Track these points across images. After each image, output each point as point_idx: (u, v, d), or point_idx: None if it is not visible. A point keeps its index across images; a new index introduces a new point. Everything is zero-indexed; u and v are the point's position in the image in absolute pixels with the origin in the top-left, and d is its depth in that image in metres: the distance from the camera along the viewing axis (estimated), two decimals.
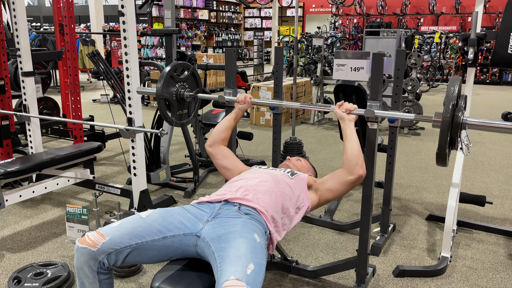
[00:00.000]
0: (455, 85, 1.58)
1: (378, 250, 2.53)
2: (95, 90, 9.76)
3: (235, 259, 1.32)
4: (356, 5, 13.99)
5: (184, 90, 2.26)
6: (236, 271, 1.27)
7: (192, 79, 2.32)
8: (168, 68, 2.16)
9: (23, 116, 3.22)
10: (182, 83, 2.26)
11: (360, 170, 1.76)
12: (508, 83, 11.92)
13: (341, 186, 1.81)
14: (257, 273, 1.30)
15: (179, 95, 2.24)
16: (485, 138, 5.49)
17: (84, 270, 1.43)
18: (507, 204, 3.33)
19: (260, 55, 11.33)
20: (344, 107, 1.85)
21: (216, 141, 2.05)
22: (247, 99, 2.08)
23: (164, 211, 1.58)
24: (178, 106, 2.27)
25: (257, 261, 1.34)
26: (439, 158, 1.62)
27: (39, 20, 18.43)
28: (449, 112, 1.55)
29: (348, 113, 1.83)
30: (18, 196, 2.66)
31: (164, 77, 2.13)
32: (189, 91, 2.28)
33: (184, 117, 2.34)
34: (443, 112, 1.57)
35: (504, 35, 2.33)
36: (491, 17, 12.44)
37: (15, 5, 3.04)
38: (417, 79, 5.72)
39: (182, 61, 2.33)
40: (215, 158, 2.04)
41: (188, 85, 2.29)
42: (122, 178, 3.87)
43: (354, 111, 1.84)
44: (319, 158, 4.54)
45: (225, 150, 2.06)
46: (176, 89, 2.23)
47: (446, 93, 1.58)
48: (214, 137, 2.06)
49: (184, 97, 2.25)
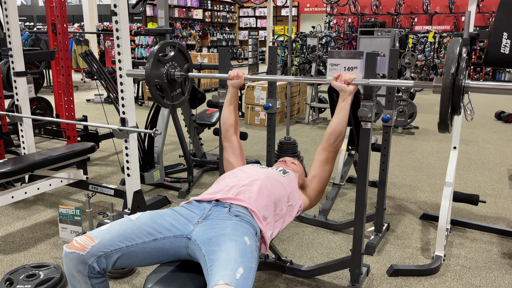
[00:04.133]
0: (455, 47, 1.49)
1: (372, 250, 2.54)
2: (89, 90, 9.71)
3: (224, 263, 1.31)
4: (351, 5, 14.01)
5: (175, 70, 2.16)
6: (225, 275, 1.26)
7: (180, 56, 2.23)
8: (154, 50, 2.06)
9: (15, 117, 3.20)
10: (171, 62, 2.16)
11: (334, 148, 1.87)
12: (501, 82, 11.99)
13: (320, 167, 1.89)
14: (247, 277, 1.29)
15: (169, 76, 2.15)
16: (478, 137, 5.52)
17: (74, 276, 1.41)
18: (500, 203, 3.35)
19: (254, 54, 11.32)
20: (342, 78, 1.79)
21: (227, 129, 2.06)
22: (239, 74, 2.05)
23: (154, 213, 1.56)
24: (170, 88, 2.19)
25: (246, 265, 1.33)
26: (441, 125, 1.54)
27: (32, 19, 18.30)
28: (450, 76, 1.45)
29: (347, 84, 1.79)
30: (10, 197, 2.63)
31: (151, 61, 2.04)
32: (179, 70, 2.18)
33: (177, 97, 2.26)
34: (443, 76, 1.48)
35: (497, 34, 2.34)
36: (484, 16, 12.51)
37: (7, 5, 3.01)
38: (411, 79, 5.73)
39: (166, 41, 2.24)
40: (226, 150, 2.07)
41: (177, 63, 2.20)
42: (116, 178, 3.85)
43: (353, 81, 1.78)
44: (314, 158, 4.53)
45: (237, 146, 2.07)
46: (166, 70, 2.13)
47: (446, 55, 1.49)
48: (224, 125, 2.07)
49: (175, 77, 2.17)
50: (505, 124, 6.41)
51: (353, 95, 1.81)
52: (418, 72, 9.79)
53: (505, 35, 2.31)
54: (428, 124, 6.30)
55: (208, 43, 16.62)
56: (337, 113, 1.83)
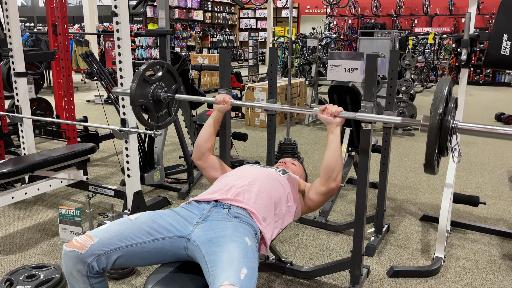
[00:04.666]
0: (444, 87, 1.46)
1: (372, 251, 2.54)
2: (89, 90, 9.71)
3: (227, 264, 1.30)
4: (351, 6, 14.03)
5: (161, 91, 2.09)
6: (229, 276, 1.26)
7: (168, 76, 2.16)
8: (140, 70, 1.99)
9: (15, 117, 3.20)
10: (158, 83, 2.09)
11: (332, 183, 1.73)
12: (501, 84, 12.00)
13: (316, 196, 1.80)
14: (251, 278, 1.29)
15: (155, 96, 2.07)
16: (478, 139, 5.52)
17: (73, 275, 1.40)
18: (500, 205, 3.35)
19: (255, 55, 11.33)
20: (328, 111, 1.73)
21: (203, 153, 1.97)
22: (226, 99, 1.98)
23: (153, 213, 1.56)
24: (156, 108, 2.11)
25: (249, 265, 1.33)
26: (427, 167, 1.48)
27: (32, 20, 18.31)
28: (437, 116, 1.40)
29: (334, 116, 1.73)
30: (10, 198, 2.63)
31: (136, 81, 1.95)
32: (166, 91, 2.12)
33: (163, 118, 2.18)
34: (430, 116, 1.43)
35: (497, 36, 2.35)
36: (484, 18, 12.52)
37: (8, 5, 3.01)
38: (411, 80, 5.74)
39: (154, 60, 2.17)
40: (205, 171, 1.99)
41: (165, 84, 2.14)
42: (116, 179, 3.84)
43: (340, 114, 1.72)
44: (314, 159, 4.54)
45: (214, 161, 1.99)
46: (153, 91, 2.06)
47: (434, 96, 1.45)
48: (199, 148, 1.97)
49: (161, 99, 2.09)
50: (505, 125, 6.41)
51: (340, 126, 1.74)
52: (418, 73, 9.80)
53: (505, 37, 2.32)
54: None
55: (208, 44, 16.63)
56: (328, 146, 1.75)
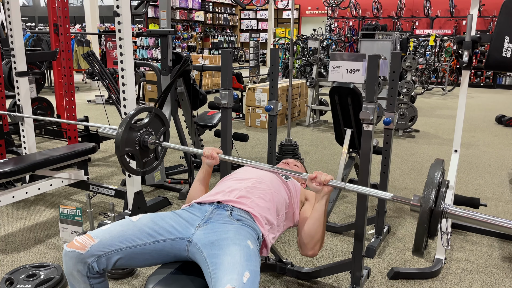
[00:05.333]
0: (436, 172, 1.42)
1: (373, 252, 2.53)
2: (90, 90, 9.71)
3: (230, 267, 1.30)
4: (352, 8, 14.04)
5: (149, 137, 2.00)
6: (232, 279, 1.26)
7: (156, 120, 2.07)
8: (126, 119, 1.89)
9: (16, 117, 3.20)
10: (145, 128, 2.00)
11: (309, 251, 1.67)
12: (502, 86, 12.00)
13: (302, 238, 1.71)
14: (253, 281, 1.29)
15: (142, 142, 1.98)
16: (479, 141, 5.52)
17: (74, 275, 1.40)
18: (501, 207, 3.35)
19: (255, 56, 11.34)
20: (317, 180, 1.62)
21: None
22: (213, 155, 1.86)
23: (155, 215, 1.56)
24: (142, 154, 2.02)
25: (252, 269, 1.33)
26: (415, 251, 1.43)
27: (34, 20, 18.34)
28: (430, 202, 1.35)
29: (323, 185, 1.63)
30: (11, 197, 2.63)
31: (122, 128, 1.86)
32: (153, 137, 2.03)
33: (149, 163, 2.09)
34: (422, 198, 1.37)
35: (498, 38, 2.35)
36: (485, 20, 12.52)
37: (10, 5, 3.02)
38: (412, 82, 5.74)
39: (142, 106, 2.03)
40: None
41: (152, 128, 2.04)
42: (117, 179, 3.84)
43: (330, 183, 1.62)
44: (314, 160, 4.54)
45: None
46: (139, 137, 1.97)
47: (427, 180, 1.39)
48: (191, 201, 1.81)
49: (148, 145, 2.00)
50: (506, 128, 6.41)
51: (328, 196, 1.65)
52: (419, 75, 9.81)
53: (507, 39, 2.32)
54: (428, 127, 6.30)
55: (209, 45, 16.64)
56: (311, 214, 1.68)
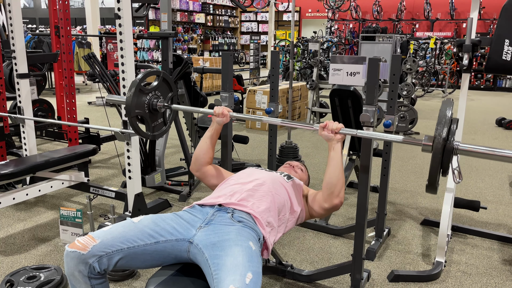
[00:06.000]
0: (447, 110, 1.47)
1: (373, 255, 2.53)
2: (90, 92, 9.72)
3: (232, 268, 1.31)
4: (352, 10, 14.05)
5: (157, 100, 2.05)
6: (234, 280, 1.26)
7: (164, 85, 2.13)
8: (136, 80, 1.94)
9: (17, 118, 3.20)
10: (154, 92, 2.06)
11: (335, 200, 1.71)
12: (502, 89, 12.01)
13: (318, 210, 1.79)
14: (255, 282, 1.30)
15: (151, 106, 2.03)
16: (479, 143, 5.51)
17: (75, 276, 1.41)
18: (501, 210, 3.35)
19: (256, 59, 11.34)
20: (329, 128, 1.71)
21: (202, 165, 1.93)
22: (224, 112, 1.92)
23: (156, 216, 1.56)
24: (151, 118, 2.08)
25: (254, 270, 1.33)
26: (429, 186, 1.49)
27: (35, 22, 18.35)
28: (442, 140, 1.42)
29: (334, 133, 1.71)
30: (11, 199, 2.63)
31: (132, 90, 1.92)
32: (162, 100, 2.08)
33: (158, 127, 2.14)
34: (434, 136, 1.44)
35: (498, 41, 2.35)
36: (485, 23, 12.54)
37: (11, 7, 3.02)
38: (412, 84, 5.74)
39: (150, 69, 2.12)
40: (204, 180, 1.96)
41: (161, 93, 2.10)
42: (117, 181, 3.85)
43: (341, 131, 1.70)
44: (315, 162, 4.55)
45: (212, 170, 1.95)
46: (148, 100, 2.02)
47: (439, 117, 1.45)
48: (198, 160, 1.94)
49: (157, 108, 2.05)
50: (506, 130, 6.42)
51: (341, 143, 1.72)
52: (419, 78, 9.82)
53: (507, 42, 2.32)
54: (429, 130, 6.30)
55: (209, 47, 16.65)
56: (329, 163, 1.73)
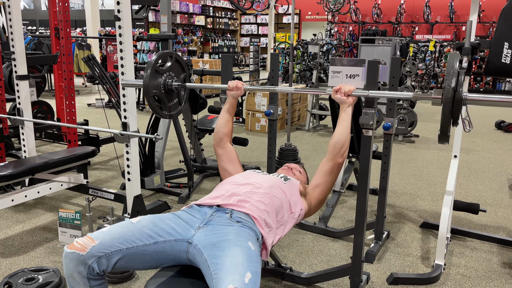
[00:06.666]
0: (454, 61, 1.54)
1: (372, 258, 2.53)
2: (90, 94, 9.73)
3: (231, 268, 1.31)
4: (352, 13, 14.08)
5: (172, 80, 2.17)
6: (234, 279, 1.26)
7: (177, 65, 2.23)
8: (151, 61, 2.05)
9: (17, 120, 3.20)
10: (168, 72, 2.17)
11: (340, 158, 1.81)
12: (502, 92, 12.02)
13: (323, 178, 1.86)
14: (255, 282, 1.30)
15: (167, 86, 2.15)
16: (478, 146, 5.52)
17: (74, 277, 1.40)
18: (501, 212, 3.35)
19: (256, 61, 11.34)
20: (342, 91, 1.79)
21: (221, 138, 2.05)
22: (238, 85, 2.03)
23: (155, 217, 1.56)
24: (167, 98, 2.19)
25: (253, 270, 1.33)
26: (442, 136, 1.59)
27: (34, 23, 18.36)
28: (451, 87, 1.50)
29: (347, 96, 1.79)
30: (10, 201, 2.63)
31: (149, 71, 2.03)
32: (176, 80, 2.19)
33: (174, 107, 2.26)
34: (444, 89, 1.53)
35: (498, 44, 2.35)
36: (485, 26, 12.57)
37: (11, 9, 3.02)
38: (412, 87, 5.75)
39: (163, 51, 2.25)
40: (221, 159, 2.06)
41: (174, 73, 2.20)
42: (116, 183, 3.84)
43: (353, 93, 1.79)
44: (314, 165, 4.54)
45: (231, 153, 2.06)
46: (164, 81, 2.14)
47: (447, 68, 1.52)
48: (218, 133, 2.06)
49: (173, 88, 2.17)
50: (505, 133, 6.42)
51: (353, 106, 1.82)
52: (418, 80, 9.83)
53: (506, 45, 2.32)
54: (428, 132, 6.31)
55: (209, 49, 16.67)
56: (339, 123, 1.83)
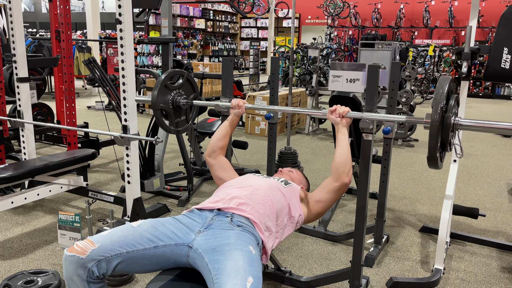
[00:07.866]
0: (444, 85, 1.54)
1: (371, 262, 2.53)
2: (90, 97, 9.73)
3: (233, 272, 1.31)
4: (352, 17, 14.13)
5: (180, 98, 2.24)
6: (235, 284, 1.26)
7: (188, 85, 2.31)
8: (162, 77, 2.13)
9: (17, 122, 3.20)
10: (178, 90, 2.24)
11: (345, 178, 1.79)
12: (501, 97, 12.05)
13: (327, 195, 1.84)
14: (256, 286, 1.30)
15: (175, 103, 2.22)
16: (478, 151, 5.53)
17: (74, 280, 1.40)
18: (500, 217, 3.35)
19: (255, 65, 11.37)
20: (337, 112, 1.83)
21: (214, 150, 2.06)
22: (240, 104, 2.08)
23: (155, 221, 1.56)
24: (175, 114, 2.25)
25: (255, 274, 1.34)
26: (430, 161, 1.59)
27: (35, 26, 18.40)
28: (438, 113, 1.50)
29: (341, 117, 1.83)
30: (10, 203, 2.63)
31: (158, 87, 2.11)
32: (185, 98, 2.26)
33: (181, 124, 2.33)
34: (431, 114, 1.53)
35: (497, 49, 2.37)
36: (484, 31, 12.61)
37: (12, 11, 3.03)
38: (411, 91, 5.76)
39: (176, 69, 2.32)
40: (213, 168, 2.05)
41: (184, 92, 2.28)
42: (116, 185, 3.84)
43: (347, 115, 1.83)
44: (314, 168, 4.55)
45: (224, 162, 2.06)
46: (172, 97, 2.21)
47: (434, 94, 1.53)
48: (212, 146, 2.07)
49: (180, 105, 2.24)
50: (504, 138, 6.43)
51: (348, 126, 1.84)
52: (418, 85, 9.85)
53: (506, 50, 2.33)
54: (427, 137, 6.30)
55: (209, 52, 16.69)
56: (338, 144, 1.83)
